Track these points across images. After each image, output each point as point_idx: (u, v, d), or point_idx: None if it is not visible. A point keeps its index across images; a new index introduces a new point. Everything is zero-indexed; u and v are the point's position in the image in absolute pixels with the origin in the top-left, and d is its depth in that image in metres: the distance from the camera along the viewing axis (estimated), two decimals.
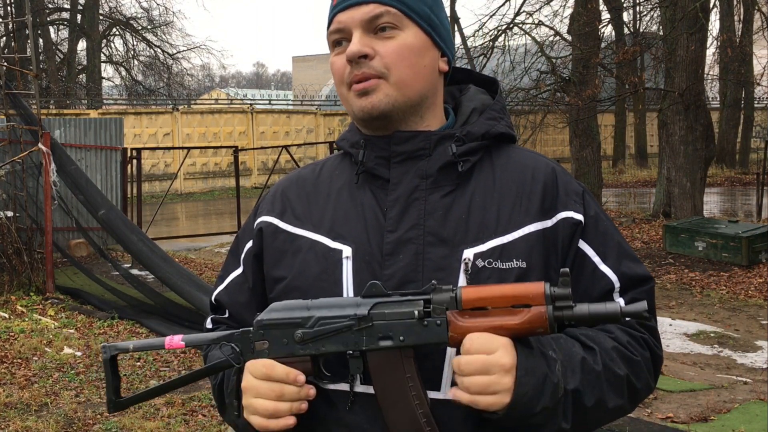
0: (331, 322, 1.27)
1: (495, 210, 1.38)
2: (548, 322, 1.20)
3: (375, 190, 1.42)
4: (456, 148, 1.39)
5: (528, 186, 1.40)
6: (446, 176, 1.39)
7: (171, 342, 1.37)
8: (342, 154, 1.53)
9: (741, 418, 5.32)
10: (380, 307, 1.26)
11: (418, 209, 1.38)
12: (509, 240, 1.35)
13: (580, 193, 1.43)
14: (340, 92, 1.43)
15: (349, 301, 1.28)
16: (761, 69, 16.56)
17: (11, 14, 22.21)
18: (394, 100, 1.37)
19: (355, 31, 1.37)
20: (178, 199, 21.36)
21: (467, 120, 1.45)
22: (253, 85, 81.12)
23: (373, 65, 1.36)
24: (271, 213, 1.50)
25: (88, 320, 8.05)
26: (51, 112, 19.92)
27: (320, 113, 26.11)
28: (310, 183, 1.51)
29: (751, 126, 28.16)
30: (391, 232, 1.37)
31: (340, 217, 1.43)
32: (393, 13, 1.37)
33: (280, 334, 1.29)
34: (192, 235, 13.97)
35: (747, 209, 17.27)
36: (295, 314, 1.29)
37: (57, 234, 10.50)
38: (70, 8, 28.61)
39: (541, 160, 1.46)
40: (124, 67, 29.66)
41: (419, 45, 1.39)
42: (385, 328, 1.25)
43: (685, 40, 13.25)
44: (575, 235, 1.38)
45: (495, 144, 1.44)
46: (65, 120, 12.74)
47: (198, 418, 5.47)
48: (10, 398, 5.81)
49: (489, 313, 1.22)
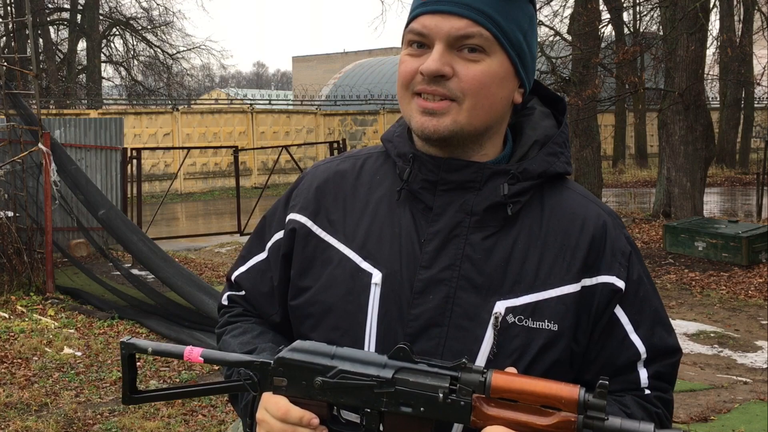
0: (353, 378, 1.23)
1: (536, 260, 1.30)
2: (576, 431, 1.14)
3: (416, 213, 1.33)
4: (508, 189, 1.29)
5: (574, 239, 1.31)
6: (492, 216, 1.30)
7: (190, 354, 1.33)
8: (386, 153, 1.42)
9: (741, 418, 5.32)
10: (405, 373, 1.21)
11: (456, 248, 1.30)
12: (544, 298, 1.28)
13: (627, 254, 1.33)
14: (400, 93, 1.33)
15: (374, 359, 1.23)
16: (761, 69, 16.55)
17: (11, 14, 22.22)
18: (460, 128, 1.27)
19: (438, 43, 1.26)
20: (178, 199, 21.36)
21: (526, 153, 1.34)
22: (253, 85, 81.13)
23: (450, 86, 1.26)
24: (304, 212, 1.41)
25: (88, 320, 8.05)
26: (51, 112, 19.92)
27: (320, 113, 26.10)
28: (349, 183, 1.42)
29: (751, 126, 28.15)
30: (425, 269, 1.30)
31: (374, 234, 1.35)
32: (485, 36, 1.25)
33: (300, 376, 1.26)
34: (192, 235, 13.97)
35: (747, 209, 17.28)
36: (318, 360, 1.25)
37: (57, 234, 10.50)
38: (70, 8, 28.61)
39: (592, 209, 1.36)
40: (124, 67, 29.67)
41: (503, 75, 1.28)
42: (406, 395, 1.20)
43: (685, 40, 13.25)
44: (612, 302, 1.30)
45: (549, 182, 1.35)
46: (65, 120, 12.74)
47: (198, 418, 5.47)
48: (10, 398, 5.81)
49: (516, 407, 1.17)
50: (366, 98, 26.42)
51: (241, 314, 1.52)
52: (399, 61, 1.32)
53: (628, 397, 1.32)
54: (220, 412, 5.57)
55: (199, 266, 11.23)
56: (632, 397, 1.32)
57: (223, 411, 5.59)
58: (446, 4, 1.26)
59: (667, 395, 1.36)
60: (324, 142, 18.70)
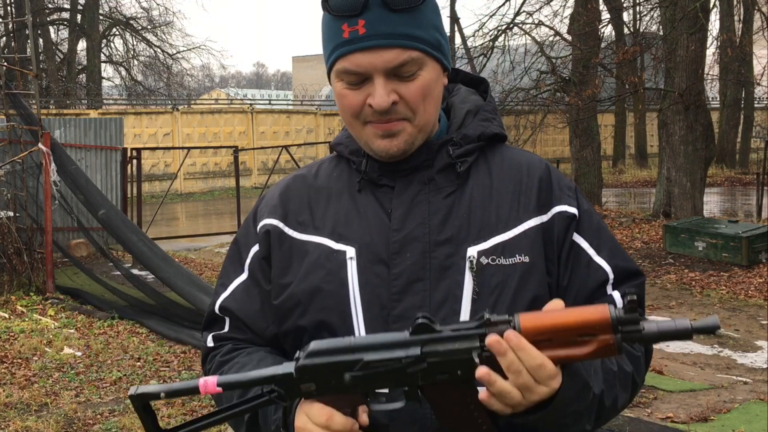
0: (382, 366, 1.20)
1: (494, 208, 1.40)
2: (617, 350, 1.13)
3: (379, 195, 1.42)
4: (453, 151, 1.41)
5: (524, 183, 1.43)
6: (446, 178, 1.41)
7: (206, 386, 1.29)
8: (337, 157, 1.51)
9: (741, 418, 5.32)
10: (432, 345, 1.18)
11: (422, 210, 1.39)
12: (511, 236, 1.38)
13: (573, 188, 1.47)
14: (352, 123, 1.39)
15: (396, 339, 1.20)
16: (761, 69, 16.56)
17: (11, 14, 22.22)
18: (415, 138, 1.38)
19: (378, 77, 1.32)
20: (178, 199, 21.36)
21: (462, 122, 1.46)
22: (253, 85, 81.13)
23: (399, 110, 1.34)
24: (273, 215, 1.47)
25: (88, 320, 8.05)
26: (51, 112, 19.93)
27: (320, 113, 26.10)
28: (309, 185, 1.49)
29: (751, 126, 28.17)
30: (397, 231, 1.38)
31: (341, 219, 1.43)
32: (416, 57, 1.33)
33: (327, 376, 1.22)
34: (192, 235, 13.97)
35: (747, 209, 17.28)
36: (339, 358, 1.21)
37: (57, 234, 10.50)
38: (70, 8, 28.61)
39: (534, 157, 1.50)
40: (124, 67, 29.67)
41: (435, 77, 1.38)
42: (440, 366, 1.18)
43: (685, 40, 13.25)
44: (570, 228, 1.41)
45: (489, 144, 1.47)
46: (65, 120, 12.75)
47: None
48: (10, 398, 5.81)
49: (552, 344, 1.15)
50: None
51: (232, 350, 1.50)
52: (338, 95, 1.37)
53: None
54: None
55: (199, 266, 11.23)
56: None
57: None
58: (372, 39, 1.30)
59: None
60: (324, 142, 18.72)
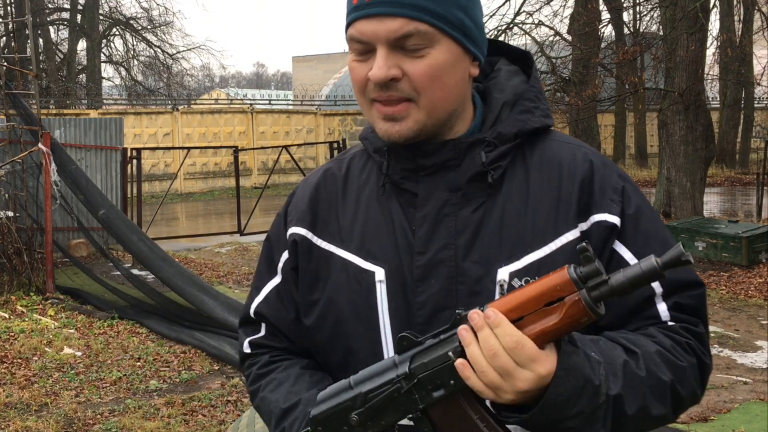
0: (379, 393, 1.17)
1: (530, 219, 1.26)
2: (589, 308, 1.07)
3: (403, 203, 1.31)
4: (486, 156, 1.27)
5: (564, 187, 1.28)
6: (476, 187, 1.28)
7: None
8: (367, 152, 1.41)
9: (741, 418, 5.32)
10: (419, 358, 1.15)
11: (447, 227, 1.27)
12: (547, 253, 1.25)
13: (619, 189, 1.29)
14: (358, 99, 1.30)
15: (386, 365, 1.18)
16: (761, 69, 16.56)
17: (11, 14, 22.21)
18: (422, 125, 1.25)
19: (380, 48, 1.22)
20: (178, 199, 21.35)
21: (498, 117, 1.31)
22: (253, 85, 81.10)
23: (402, 88, 1.23)
24: (302, 224, 1.40)
25: (88, 320, 8.05)
26: (51, 112, 19.93)
27: (320, 113, 26.10)
28: (338, 187, 1.40)
29: (751, 126, 28.16)
30: (421, 254, 1.27)
31: (370, 232, 1.33)
32: (423, 31, 1.21)
33: (338, 424, 1.20)
34: (192, 235, 13.97)
35: (747, 209, 17.28)
36: (341, 398, 1.20)
37: (57, 234, 10.50)
38: (70, 8, 28.62)
39: (578, 152, 1.32)
40: (124, 67, 29.67)
41: (452, 60, 1.24)
42: (431, 378, 1.14)
43: (685, 40, 13.25)
44: (610, 239, 1.26)
45: (528, 140, 1.31)
46: (65, 120, 12.75)
47: (198, 418, 5.47)
48: (10, 398, 5.81)
49: (525, 322, 1.10)
50: None
51: (269, 362, 1.46)
52: (349, 68, 1.30)
53: (652, 328, 1.26)
54: (220, 412, 5.57)
55: (199, 266, 11.23)
56: (656, 328, 1.26)
57: (223, 411, 5.59)
58: (377, 6, 1.22)
59: (698, 328, 1.28)
60: (324, 142, 18.69)
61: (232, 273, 10.83)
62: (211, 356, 6.80)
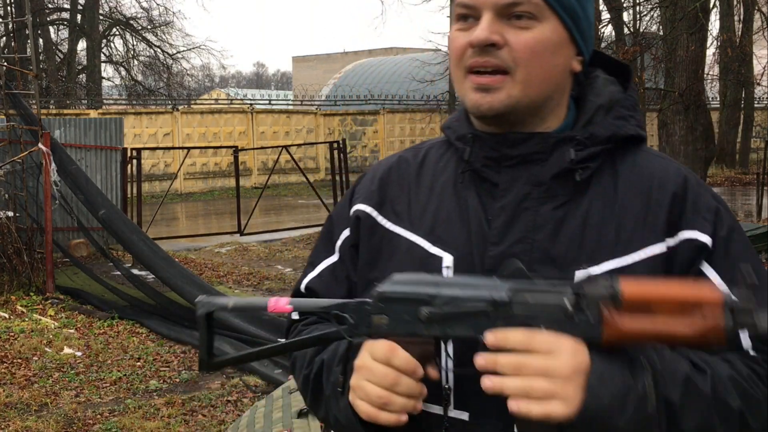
0: (464, 303, 1.11)
1: (614, 226, 1.21)
2: (726, 336, 1.01)
3: (481, 193, 1.27)
4: (575, 154, 1.22)
5: (654, 198, 1.23)
6: (561, 185, 1.23)
7: (276, 305, 1.20)
8: (448, 142, 1.37)
9: None
10: (522, 293, 1.10)
11: (526, 221, 1.23)
12: (628, 263, 1.19)
13: (712, 209, 1.23)
14: (454, 73, 1.27)
15: (484, 282, 1.12)
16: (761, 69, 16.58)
17: (11, 14, 22.22)
18: (516, 101, 1.21)
19: (486, 12, 1.20)
20: (178, 199, 21.35)
21: (591, 119, 1.27)
22: (253, 85, 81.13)
23: (501, 56, 1.20)
24: (368, 202, 1.37)
25: (88, 320, 8.05)
26: (51, 112, 19.92)
27: (320, 113, 26.10)
28: (412, 172, 1.37)
29: (751, 126, 28.15)
30: (495, 245, 1.23)
31: (441, 219, 1.29)
32: (534, 2, 1.19)
33: (402, 310, 1.14)
34: (192, 235, 13.96)
35: (747, 209, 17.27)
36: (421, 289, 1.13)
37: (57, 234, 10.50)
38: (70, 8, 28.61)
39: (672, 167, 1.27)
40: (124, 67, 29.67)
41: (556, 41, 1.22)
42: (525, 317, 1.09)
43: (685, 40, 13.25)
44: (698, 259, 1.20)
45: (620, 147, 1.26)
46: (65, 120, 12.75)
47: (198, 418, 5.47)
48: (10, 398, 5.81)
49: (653, 315, 1.04)
50: (366, 98, 26.39)
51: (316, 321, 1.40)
52: (449, 39, 1.27)
53: (731, 354, 1.19)
54: (220, 412, 5.58)
55: (199, 266, 11.23)
56: (736, 355, 1.19)
57: (223, 411, 5.59)
58: None
59: None
60: (324, 142, 18.69)
61: (232, 273, 10.83)
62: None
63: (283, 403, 3.90)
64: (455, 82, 1.28)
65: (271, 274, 10.76)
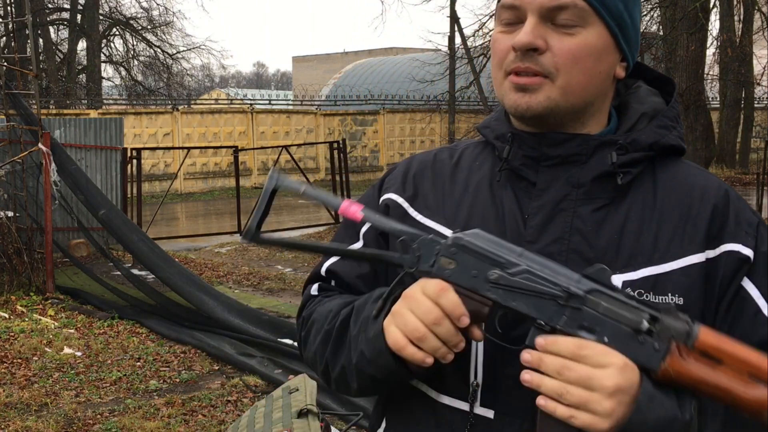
0: (539, 282, 1.09)
1: (653, 233, 1.20)
2: None
3: (518, 192, 1.26)
4: (617, 157, 1.21)
5: (694, 209, 1.22)
6: (601, 188, 1.22)
7: (348, 209, 1.18)
8: (483, 143, 1.36)
9: None
10: (598, 296, 1.08)
11: (563, 221, 1.22)
12: (666, 270, 1.18)
13: (754, 224, 1.23)
14: (494, 74, 1.26)
15: (567, 271, 1.11)
16: (761, 69, 16.58)
17: (11, 14, 22.22)
18: (555, 104, 1.20)
19: (531, 15, 1.19)
20: (178, 199, 21.35)
21: (634, 125, 1.27)
22: (253, 85, 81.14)
23: (542, 61, 1.19)
24: (400, 193, 1.35)
25: (88, 320, 8.05)
26: (51, 112, 19.92)
27: (320, 113, 26.10)
28: (447, 171, 1.35)
29: (751, 126, 28.14)
30: (530, 243, 1.21)
31: (476, 216, 1.28)
32: (580, 6, 1.18)
33: (473, 264, 1.11)
34: (192, 235, 13.97)
35: None
36: (499, 252, 1.12)
37: (57, 234, 10.50)
38: (70, 8, 28.61)
39: (713, 180, 1.27)
40: (124, 67, 29.67)
41: (601, 47, 1.21)
42: (593, 319, 1.07)
43: (685, 40, 13.26)
44: (739, 272, 1.19)
45: (661, 157, 1.26)
46: (65, 120, 12.74)
47: (198, 418, 5.47)
48: (10, 398, 5.81)
49: (719, 368, 1.04)
50: (366, 98, 26.41)
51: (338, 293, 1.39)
52: (492, 40, 1.27)
53: None
54: (220, 412, 5.58)
55: (199, 266, 11.23)
56: None
57: (223, 411, 5.59)
58: None
59: None
60: (324, 142, 18.70)
61: (232, 273, 10.83)
62: (211, 356, 6.80)
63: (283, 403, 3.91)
64: (495, 84, 1.28)
65: (271, 274, 10.76)
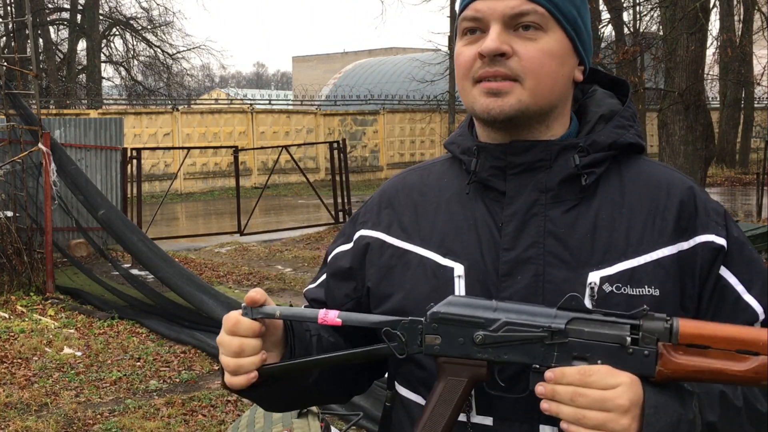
0: (520, 330, 1.13)
1: (624, 228, 1.25)
2: None
3: (489, 202, 1.31)
4: (579, 159, 1.27)
5: (662, 203, 1.27)
6: (568, 190, 1.28)
7: (325, 317, 1.22)
8: (451, 159, 1.42)
9: None
10: (578, 324, 1.13)
11: (537, 226, 1.26)
12: (640, 263, 1.23)
13: (722, 214, 1.29)
14: (461, 85, 1.30)
15: (542, 310, 1.15)
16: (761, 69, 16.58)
17: (11, 14, 22.22)
18: (525, 106, 1.25)
19: (494, 24, 1.24)
20: (178, 199, 21.35)
21: (593, 128, 1.33)
22: (253, 85, 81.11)
23: (510, 65, 1.24)
24: (377, 227, 1.40)
25: (88, 320, 8.05)
26: (51, 112, 19.92)
27: (320, 113, 26.09)
28: (417, 191, 1.41)
29: (751, 126, 28.15)
30: (507, 250, 1.26)
31: (450, 231, 1.32)
32: (540, 12, 1.24)
33: (457, 332, 1.16)
34: (192, 235, 13.96)
35: (747, 209, 17.27)
36: (478, 313, 1.16)
37: (57, 234, 10.50)
38: (70, 8, 28.61)
39: (676, 175, 1.33)
40: (124, 67, 29.66)
41: (561, 52, 1.27)
42: (582, 347, 1.12)
43: (685, 40, 13.25)
44: (716, 261, 1.25)
45: (623, 155, 1.32)
46: (65, 120, 12.74)
47: (198, 418, 5.47)
48: (10, 398, 5.81)
49: (708, 353, 1.09)
50: (366, 98, 26.40)
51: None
52: (455, 54, 1.31)
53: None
54: (220, 412, 5.58)
55: (199, 266, 11.23)
56: None
57: (223, 411, 5.59)
58: None
59: None
60: (324, 142, 18.69)
61: (232, 273, 10.83)
62: (211, 356, 6.80)
63: None
64: (462, 95, 1.31)
65: (271, 274, 10.76)
